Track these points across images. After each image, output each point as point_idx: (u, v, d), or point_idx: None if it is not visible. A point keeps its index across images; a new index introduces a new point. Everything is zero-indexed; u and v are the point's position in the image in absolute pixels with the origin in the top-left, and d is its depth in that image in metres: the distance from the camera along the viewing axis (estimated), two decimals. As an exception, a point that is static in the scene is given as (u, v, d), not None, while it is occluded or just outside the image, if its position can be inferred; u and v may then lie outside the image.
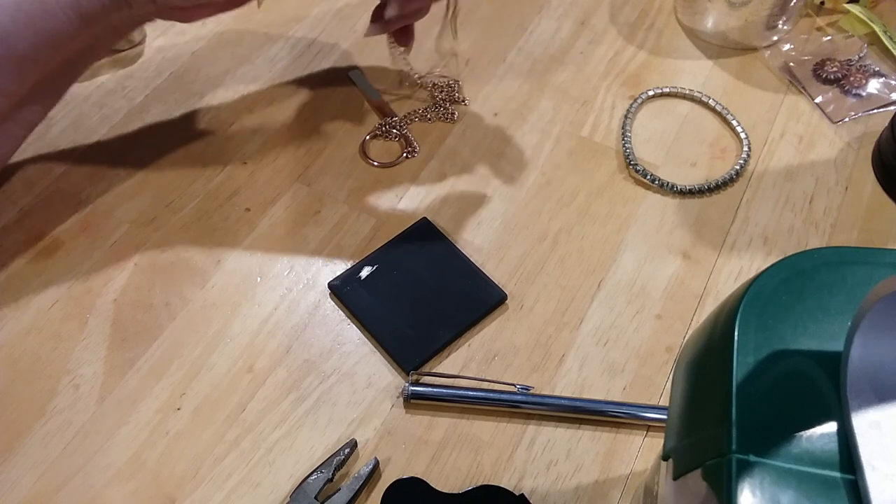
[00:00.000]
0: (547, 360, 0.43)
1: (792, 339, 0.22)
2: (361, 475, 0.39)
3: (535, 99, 0.55)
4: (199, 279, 0.46)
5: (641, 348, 0.43)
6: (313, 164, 0.51)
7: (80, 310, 0.45)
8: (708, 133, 0.53)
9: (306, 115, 0.54)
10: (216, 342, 0.44)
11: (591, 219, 0.49)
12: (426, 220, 0.48)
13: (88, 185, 0.50)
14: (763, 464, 0.20)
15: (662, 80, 0.56)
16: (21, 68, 0.42)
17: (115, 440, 0.40)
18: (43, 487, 0.39)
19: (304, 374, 0.43)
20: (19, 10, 0.40)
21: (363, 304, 0.44)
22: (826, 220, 0.48)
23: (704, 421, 0.23)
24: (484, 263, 0.46)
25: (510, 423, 0.41)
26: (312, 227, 0.48)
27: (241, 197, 0.50)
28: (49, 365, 0.43)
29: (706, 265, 0.47)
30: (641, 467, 0.40)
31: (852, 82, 0.54)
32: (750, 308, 0.23)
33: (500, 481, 0.39)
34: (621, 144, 0.52)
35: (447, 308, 0.44)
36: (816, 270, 0.23)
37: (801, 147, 0.52)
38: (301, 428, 0.41)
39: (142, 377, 0.42)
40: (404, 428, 0.41)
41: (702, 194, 0.50)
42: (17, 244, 0.47)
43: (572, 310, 0.45)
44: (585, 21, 0.59)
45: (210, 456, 0.40)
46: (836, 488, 0.19)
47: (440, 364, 0.43)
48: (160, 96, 0.54)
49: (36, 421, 0.41)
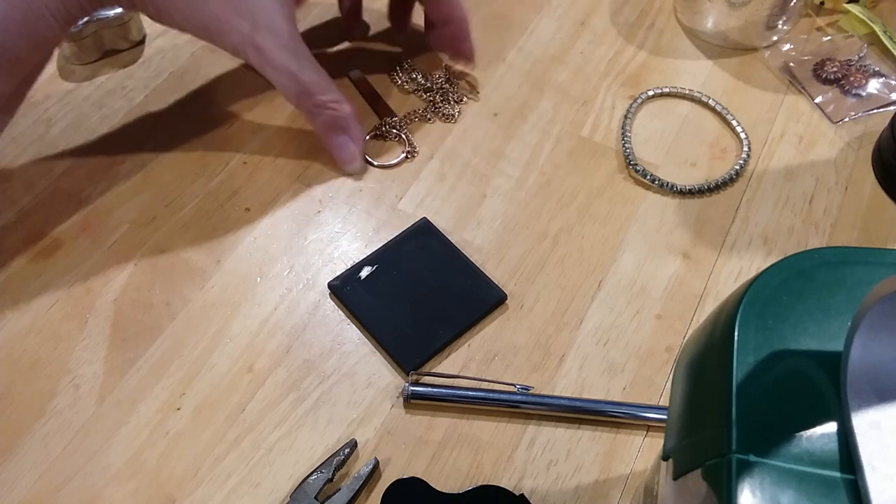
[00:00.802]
0: (547, 360, 0.43)
1: (792, 339, 0.22)
2: (361, 475, 0.39)
3: (535, 99, 0.55)
4: (199, 279, 0.46)
5: (641, 348, 0.44)
6: (313, 164, 0.51)
7: (79, 310, 0.45)
8: (708, 133, 0.53)
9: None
10: (216, 342, 0.44)
11: (591, 219, 0.49)
12: (426, 220, 0.48)
13: (88, 185, 0.50)
14: (763, 464, 0.20)
15: (662, 80, 0.56)
16: (12, 70, 0.42)
17: (115, 440, 0.40)
18: (43, 487, 0.39)
19: (304, 374, 0.43)
20: (7, 19, 0.40)
21: (363, 304, 0.44)
22: (826, 220, 0.48)
23: (704, 421, 0.23)
24: (484, 263, 0.46)
25: (510, 423, 0.41)
26: (312, 227, 0.48)
27: (240, 197, 0.50)
28: (49, 365, 0.43)
29: (706, 265, 0.47)
30: (641, 467, 0.40)
31: (852, 82, 0.54)
32: (750, 308, 0.23)
33: (499, 481, 0.39)
34: (621, 144, 0.52)
35: (447, 308, 0.44)
36: (816, 270, 0.23)
37: (800, 147, 0.52)
38: (301, 428, 0.41)
39: (142, 377, 0.42)
40: (404, 428, 0.41)
41: (702, 194, 0.50)
42: (16, 244, 0.47)
43: (572, 310, 0.45)
44: (585, 21, 0.59)
45: (210, 456, 0.40)
46: (836, 488, 0.19)
47: (440, 364, 0.43)
48: (160, 96, 0.54)
49: (36, 421, 0.41)
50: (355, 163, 0.50)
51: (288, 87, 0.46)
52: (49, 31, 0.42)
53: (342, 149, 0.49)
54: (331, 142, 0.49)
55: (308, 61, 0.46)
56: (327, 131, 0.49)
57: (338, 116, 0.48)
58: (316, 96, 0.47)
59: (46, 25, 0.42)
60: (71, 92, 0.55)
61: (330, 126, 0.48)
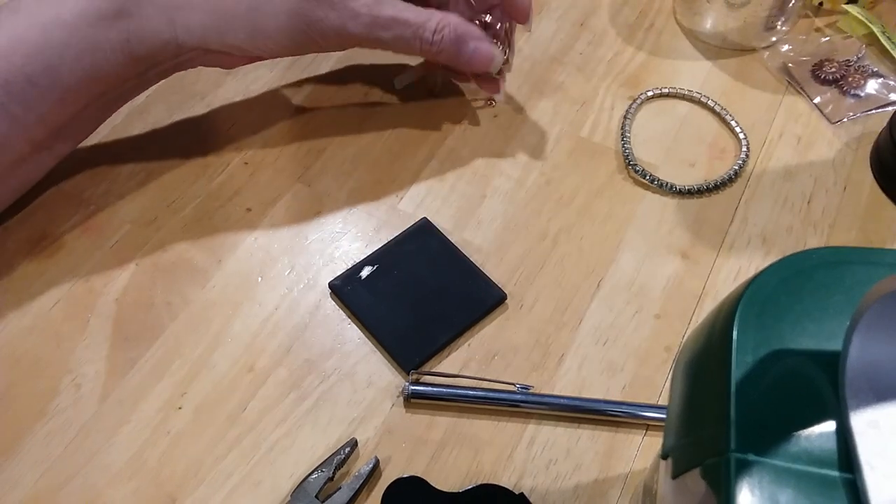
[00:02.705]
0: (546, 360, 0.43)
1: (790, 339, 0.22)
2: (362, 474, 0.39)
3: (535, 99, 0.55)
4: (201, 279, 0.46)
5: (640, 348, 0.44)
6: (314, 165, 0.51)
7: (81, 309, 0.45)
8: (707, 133, 0.53)
9: (306, 116, 0.54)
10: (217, 342, 0.44)
11: (590, 219, 0.49)
12: (426, 220, 0.48)
13: (90, 185, 0.50)
14: (762, 463, 0.20)
15: (661, 80, 0.56)
16: (64, 100, 0.42)
17: (116, 439, 0.41)
18: (44, 486, 0.39)
19: (305, 374, 0.43)
20: (68, 47, 0.41)
21: (364, 303, 0.45)
22: (824, 220, 0.48)
23: (703, 420, 0.23)
24: (484, 263, 0.46)
25: (510, 423, 0.41)
26: (313, 227, 0.48)
27: (241, 197, 0.50)
28: (50, 364, 0.43)
29: (705, 265, 0.47)
30: (640, 466, 0.40)
31: (851, 83, 0.55)
32: (748, 308, 0.23)
33: (499, 480, 0.39)
34: (620, 145, 0.52)
35: (447, 308, 0.44)
36: (815, 270, 0.24)
37: (799, 147, 0.52)
38: (302, 427, 0.41)
39: (143, 377, 0.42)
40: (404, 427, 0.41)
41: (701, 194, 0.50)
42: (18, 244, 0.47)
43: (572, 309, 0.45)
44: (585, 22, 0.60)
45: (211, 455, 0.40)
46: (835, 487, 0.20)
47: (440, 364, 0.43)
48: (161, 97, 0.55)
49: (37, 420, 0.41)
50: (496, 58, 0.48)
51: (403, 34, 0.45)
52: (108, 64, 0.42)
53: (478, 53, 0.47)
54: (466, 56, 0.47)
55: (397, 3, 0.45)
56: (458, 48, 0.46)
57: (455, 29, 0.46)
58: (427, 26, 0.45)
59: (106, 59, 0.42)
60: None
61: (456, 42, 0.46)
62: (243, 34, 0.44)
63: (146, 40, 0.43)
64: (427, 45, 0.46)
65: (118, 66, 0.43)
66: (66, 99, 0.43)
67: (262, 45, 0.45)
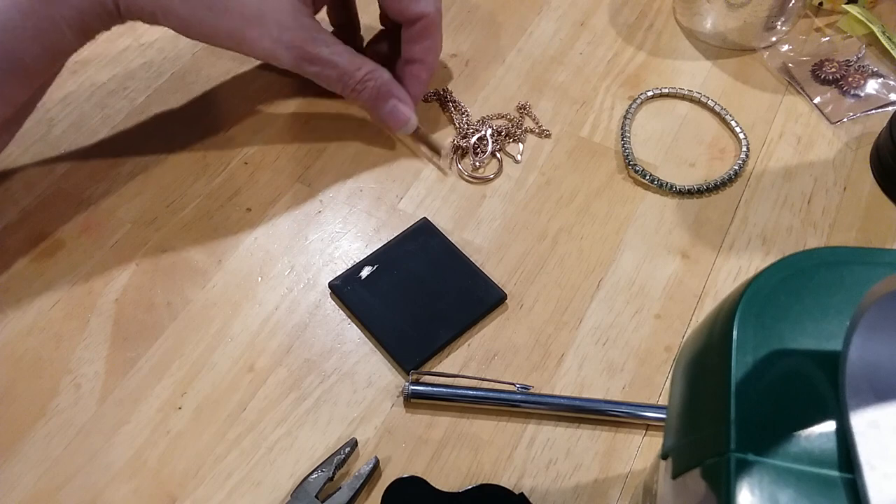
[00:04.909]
0: (546, 360, 0.43)
1: (790, 339, 0.22)
2: (362, 474, 0.39)
3: (535, 99, 0.55)
4: (201, 279, 0.46)
5: (640, 348, 0.44)
6: (314, 165, 0.51)
7: (81, 309, 0.45)
8: (707, 133, 0.53)
9: (306, 116, 0.54)
10: (217, 342, 0.44)
11: (590, 219, 0.49)
12: (426, 220, 0.48)
13: (90, 185, 0.50)
14: (762, 463, 0.20)
15: (661, 80, 0.56)
16: (26, 79, 0.43)
17: (116, 439, 0.41)
18: (44, 486, 0.39)
19: (305, 374, 0.43)
20: (25, 28, 0.41)
21: (363, 303, 0.45)
22: (824, 220, 0.48)
23: (703, 420, 0.23)
24: (484, 263, 0.46)
25: (510, 423, 0.41)
26: (313, 227, 0.48)
27: (242, 197, 0.50)
28: (50, 364, 0.43)
29: (705, 265, 0.47)
30: (640, 466, 0.40)
31: (851, 83, 0.55)
32: (748, 307, 0.23)
33: (499, 480, 0.39)
34: (620, 145, 0.52)
35: (447, 308, 0.44)
36: (815, 270, 0.24)
37: (799, 147, 0.52)
38: (302, 427, 0.41)
39: (143, 376, 0.43)
40: (404, 427, 0.41)
41: (700, 194, 0.50)
42: (18, 244, 0.47)
43: (572, 309, 0.45)
44: (585, 22, 0.60)
45: (211, 455, 0.40)
46: (835, 487, 0.20)
47: (440, 363, 0.43)
48: (161, 97, 0.55)
49: (37, 420, 0.41)
50: (410, 122, 0.50)
51: (329, 75, 0.47)
52: (64, 42, 0.42)
53: (395, 113, 0.49)
54: (382, 113, 0.49)
55: (336, 45, 0.46)
56: (375, 103, 0.48)
57: (379, 86, 0.48)
58: (354, 75, 0.47)
59: (61, 36, 0.42)
60: (72, 93, 0.55)
61: (376, 97, 0.48)
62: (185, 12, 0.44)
63: (95, 10, 0.42)
64: (348, 91, 0.48)
65: (73, 41, 0.43)
66: (28, 79, 0.43)
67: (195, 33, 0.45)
